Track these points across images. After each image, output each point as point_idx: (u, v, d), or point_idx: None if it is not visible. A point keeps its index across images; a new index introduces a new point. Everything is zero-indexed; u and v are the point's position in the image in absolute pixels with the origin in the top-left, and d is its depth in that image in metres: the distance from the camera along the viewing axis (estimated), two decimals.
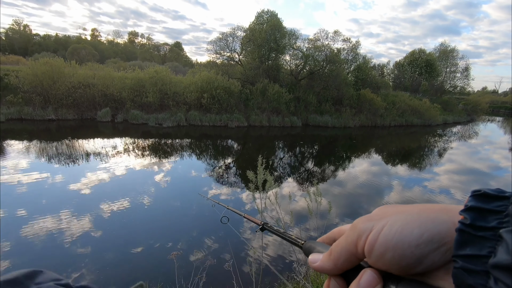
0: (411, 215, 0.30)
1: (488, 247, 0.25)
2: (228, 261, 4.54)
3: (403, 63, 41.52)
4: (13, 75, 17.50)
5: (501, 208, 0.26)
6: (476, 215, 0.27)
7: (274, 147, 15.73)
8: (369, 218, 0.33)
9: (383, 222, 0.31)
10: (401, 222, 0.30)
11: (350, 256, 0.33)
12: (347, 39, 27.13)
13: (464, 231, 0.26)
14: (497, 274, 0.23)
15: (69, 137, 13.57)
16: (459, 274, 0.25)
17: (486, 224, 0.26)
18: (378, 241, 0.30)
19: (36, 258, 4.65)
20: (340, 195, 8.52)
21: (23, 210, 6.14)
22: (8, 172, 8.43)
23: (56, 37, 61.26)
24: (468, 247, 0.25)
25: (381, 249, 0.30)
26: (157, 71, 19.55)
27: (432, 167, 12.99)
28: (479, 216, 0.26)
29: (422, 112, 27.81)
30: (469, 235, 0.26)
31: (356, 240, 0.32)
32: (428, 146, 19.03)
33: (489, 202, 0.27)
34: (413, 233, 0.28)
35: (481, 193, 0.28)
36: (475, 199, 0.28)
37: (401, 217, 0.30)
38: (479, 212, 0.27)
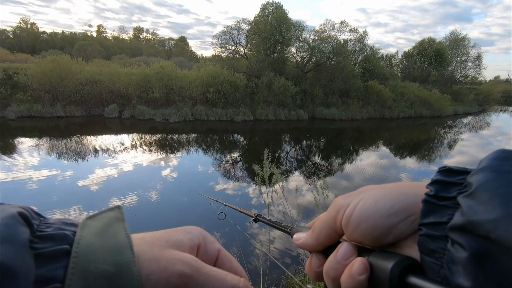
0: (384, 190, 0.33)
1: (448, 214, 0.27)
2: (235, 254, 4.56)
3: (412, 53, 40.69)
4: (22, 73, 17.76)
5: (461, 181, 0.29)
6: (440, 187, 0.29)
7: (281, 140, 15.65)
8: (348, 195, 0.36)
9: (359, 197, 0.34)
10: (375, 196, 0.33)
11: (330, 230, 0.36)
12: (354, 29, 26.67)
13: (428, 202, 0.29)
14: (453, 236, 0.25)
15: (77, 134, 13.74)
16: (423, 240, 0.28)
17: (447, 194, 0.28)
18: (354, 214, 0.33)
19: None
20: (347, 188, 8.43)
21: (34, 206, 6.23)
22: (19, 169, 8.58)
23: (62, 35, 61.80)
24: (432, 215, 0.28)
25: (356, 221, 0.32)
26: (162, 66, 19.57)
27: (442, 159, 12.76)
28: (443, 188, 0.29)
29: (432, 103, 27.28)
30: (433, 205, 0.29)
31: (335, 215, 0.35)
32: (438, 137, 18.70)
33: (452, 176, 0.30)
34: (385, 205, 0.31)
35: (446, 168, 0.31)
36: (441, 173, 0.31)
37: (375, 192, 0.33)
38: (442, 184, 0.30)
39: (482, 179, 0.26)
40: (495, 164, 0.26)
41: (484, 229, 0.23)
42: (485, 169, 0.27)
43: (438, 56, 38.06)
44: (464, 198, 0.26)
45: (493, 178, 0.25)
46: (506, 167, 0.26)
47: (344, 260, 0.33)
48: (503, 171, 0.25)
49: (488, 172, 0.26)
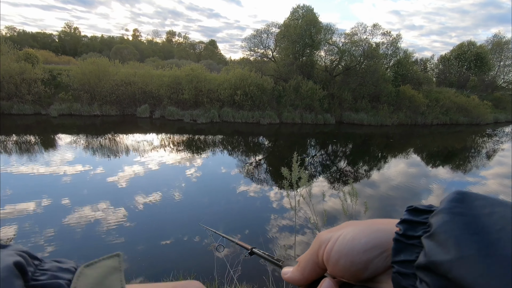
0: (361, 226, 0.35)
1: (415, 252, 0.29)
2: None
3: (449, 57, 38.62)
4: (65, 74, 19.13)
5: (426, 220, 0.31)
6: (407, 226, 0.31)
7: (306, 144, 15.51)
8: (330, 230, 0.38)
9: (339, 233, 0.35)
10: (352, 232, 0.35)
11: (314, 265, 0.37)
12: (386, 32, 25.82)
13: (398, 240, 0.31)
14: (420, 274, 0.27)
15: (111, 132, 14.51)
16: (395, 277, 0.30)
17: (414, 233, 0.30)
18: (334, 249, 0.34)
19: (75, 245, 5.05)
20: (373, 196, 8.19)
21: (66, 199, 6.70)
22: (56, 164, 9.24)
23: (101, 38, 65.55)
24: (402, 253, 0.30)
25: (336, 256, 0.34)
26: (192, 68, 20.15)
27: (479, 170, 11.99)
28: (410, 227, 0.31)
29: (470, 110, 25.74)
30: (402, 243, 0.31)
31: (318, 250, 0.36)
32: (475, 147, 17.58)
33: (418, 215, 0.32)
34: (361, 241, 0.33)
35: (413, 208, 0.33)
36: (408, 213, 0.33)
37: (353, 228, 0.35)
38: (409, 223, 0.32)
39: (440, 220, 0.28)
40: (450, 206, 0.29)
41: (442, 269, 0.24)
42: (442, 211, 0.29)
43: (478, 61, 35.79)
44: (426, 239, 0.28)
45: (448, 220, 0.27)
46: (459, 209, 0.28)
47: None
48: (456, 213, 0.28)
49: (444, 213, 0.28)
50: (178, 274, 3.74)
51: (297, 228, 5.87)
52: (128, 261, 4.65)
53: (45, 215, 5.96)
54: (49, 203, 6.48)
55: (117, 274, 0.30)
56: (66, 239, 5.18)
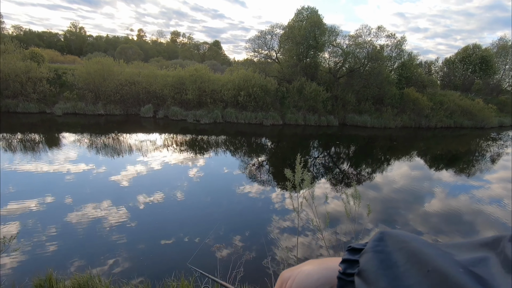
0: (316, 265, 0.42)
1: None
2: (266, 258, 4.60)
3: (454, 59, 38.35)
4: (70, 73, 19.27)
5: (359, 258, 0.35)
6: (347, 265, 0.36)
7: (309, 146, 15.48)
8: (291, 269, 0.45)
9: (298, 270, 0.42)
10: (307, 271, 0.42)
11: None
12: (391, 34, 25.71)
13: (340, 278, 0.36)
14: None
15: (115, 131, 14.58)
16: None
17: (352, 271, 0.35)
18: (293, 285, 0.41)
19: (78, 243, 5.08)
20: (376, 199, 8.15)
21: (69, 197, 6.74)
22: (60, 162, 9.30)
23: (106, 38, 65.94)
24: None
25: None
26: (196, 69, 20.22)
27: (483, 174, 11.89)
28: (349, 266, 0.36)
29: (474, 113, 25.54)
30: (343, 281, 0.36)
31: (281, 286, 0.43)
32: (479, 150, 17.44)
33: (354, 254, 0.37)
34: (313, 278, 0.40)
35: (351, 248, 0.38)
36: (348, 252, 0.38)
37: (308, 266, 0.42)
38: (348, 262, 0.36)
39: (364, 259, 0.33)
40: (373, 245, 0.34)
41: None
42: (367, 250, 0.34)
43: (484, 64, 35.49)
44: (356, 277, 0.33)
45: (371, 258, 0.32)
46: (379, 247, 0.33)
47: None
48: (376, 251, 0.32)
49: (368, 252, 0.33)
50: (180, 273, 3.74)
51: (299, 230, 5.85)
52: (130, 260, 4.66)
53: (48, 213, 5.99)
54: (52, 201, 6.52)
55: None
56: (69, 237, 5.21)
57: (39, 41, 50.30)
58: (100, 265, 4.50)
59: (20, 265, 4.39)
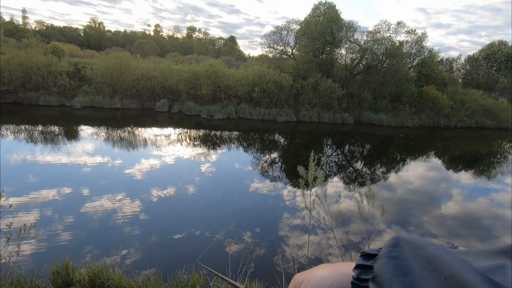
0: (329, 270, 0.42)
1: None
2: (277, 255, 4.60)
3: (477, 57, 36.90)
4: (89, 68, 19.76)
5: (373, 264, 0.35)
6: (361, 271, 0.36)
7: (323, 144, 15.30)
8: (303, 273, 0.45)
9: (311, 275, 0.43)
10: (321, 275, 0.42)
11: None
12: (411, 30, 24.93)
13: (354, 284, 0.36)
14: None
15: (131, 125, 14.87)
16: None
17: (366, 276, 0.35)
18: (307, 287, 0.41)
19: (93, 233, 5.22)
20: (390, 199, 7.98)
21: (86, 189, 6.93)
22: (77, 154, 9.57)
23: (124, 33, 67.12)
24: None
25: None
26: (211, 64, 20.28)
27: (504, 176, 11.44)
28: (363, 271, 0.36)
29: (498, 113, 24.55)
30: (357, 286, 0.36)
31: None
32: (502, 152, 16.76)
33: (368, 259, 0.37)
34: (327, 283, 0.40)
35: (365, 253, 0.38)
36: (362, 258, 0.38)
37: (322, 271, 0.42)
38: (362, 268, 0.36)
39: (378, 265, 0.32)
40: (387, 251, 0.33)
41: None
42: (382, 256, 0.33)
43: (510, 61, 33.95)
44: (370, 283, 0.32)
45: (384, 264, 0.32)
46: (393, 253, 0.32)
47: None
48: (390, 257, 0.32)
49: (382, 258, 0.33)
50: (191, 267, 3.79)
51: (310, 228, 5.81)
52: (143, 251, 4.76)
53: (66, 203, 6.19)
54: (70, 192, 6.73)
55: None
56: (84, 227, 5.37)
57: (60, 35, 51.80)
58: (114, 255, 4.61)
59: (38, 252, 4.56)
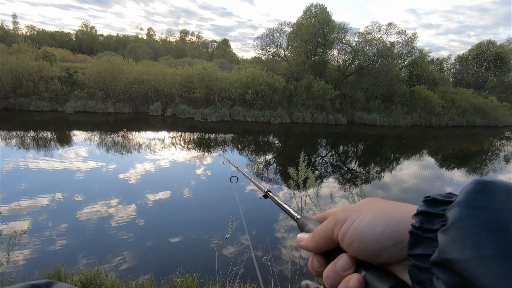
0: (379, 212, 0.34)
1: (432, 246, 0.27)
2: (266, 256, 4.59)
3: (467, 56, 37.54)
4: (81, 72, 19.59)
5: (443, 211, 0.29)
6: (424, 219, 0.30)
7: (316, 144, 15.38)
8: (346, 209, 0.38)
9: (356, 215, 0.35)
10: (369, 217, 0.34)
11: (328, 240, 0.38)
12: (402, 31, 25.33)
13: (414, 233, 0.29)
14: (435, 270, 0.26)
15: (124, 129, 14.78)
16: (412, 271, 0.29)
17: (431, 226, 0.29)
18: (349, 231, 0.34)
19: (86, 240, 5.16)
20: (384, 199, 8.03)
21: (79, 195, 6.86)
22: (70, 160, 9.47)
23: (117, 37, 66.83)
24: (418, 247, 0.29)
25: (350, 239, 0.34)
26: (204, 67, 20.29)
27: (497, 174, 11.63)
28: (426, 219, 0.29)
29: (488, 112, 24.99)
30: (418, 237, 0.29)
31: (333, 227, 0.37)
32: (493, 149, 17.03)
33: (435, 206, 0.30)
34: (376, 229, 0.33)
35: (430, 198, 0.31)
36: (425, 204, 0.31)
37: (371, 213, 0.34)
38: (426, 215, 0.30)
39: (456, 215, 0.26)
40: (468, 199, 0.27)
41: (457, 267, 0.23)
42: (459, 204, 0.27)
43: (498, 61, 34.62)
44: (441, 234, 0.26)
45: (466, 215, 0.25)
46: (479, 202, 0.26)
47: (342, 272, 0.35)
48: (475, 207, 0.25)
49: (461, 207, 0.26)
50: (184, 270, 3.78)
51: None
52: (137, 256, 4.73)
53: (58, 209, 6.12)
54: (63, 198, 6.65)
55: None
56: (78, 233, 5.31)
57: (51, 40, 51.35)
58: (108, 261, 4.57)
59: (30, 260, 4.50)
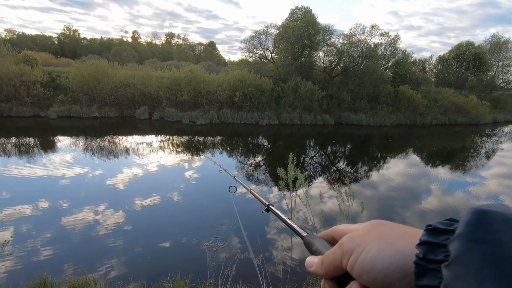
0: (385, 244, 0.34)
1: (438, 278, 0.27)
2: (257, 256, 4.59)
3: (447, 57, 38.72)
4: (64, 76, 19.12)
5: (446, 241, 0.28)
6: (427, 249, 0.29)
7: (305, 145, 15.50)
8: (352, 239, 0.38)
9: (362, 246, 0.35)
10: (375, 250, 0.34)
11: (337, 268, 0.39)
12: (385, 33, 25.92)
13: (419, 264, 0.29)
14: None
15: (110, 134, 14.49)
16: None
17: (435, 257, 0.28)
18: (356, 264, 0.35)
19: (73, 248, 5.03)
20: (372, 197, 8.18)
21: (65, 202, 6.68)
22: (55, 166, 9.21)
23: (101, 40, 65.57)
24: (424, 278, 0.28)
25: (358, 271, 0.34)
26: (191, 70, 20.16)
27: (478, 170, 11.98)
28: (430, 250, 0.29)
29: (468, 110, 25.80)
30: (423, 268, 0.28)
31: (341, 258, 0.38)
32: (474, 147, 17.58)
33: (437, 235, 0.30)
34: (384, 262, 0.32)
35: (432, 227, 0.30)
36: (427, 233, 0.30)
37: (376, 245, 0.34)
38: (429, 246, 0.29)
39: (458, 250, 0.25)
40: (468, 231, 0.26)
41: None
42: (460, 237, 0.26)
43: (477, 61, 35.86)
44: (445, 269, 0.26)
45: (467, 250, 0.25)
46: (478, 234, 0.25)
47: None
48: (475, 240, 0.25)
49: (463, 241, 0.26)
50: (175, 275, 3.72)
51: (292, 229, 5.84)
52: (127, 263, 4.63)
53: (43, 218, 5.94)
54: (47, 206, 6.46)
55: None
56: (64, 241, 5.16)
57: (32, 44, 49.88)
58: (96, 269, 4.46)
59: (14, 270, 4.34)
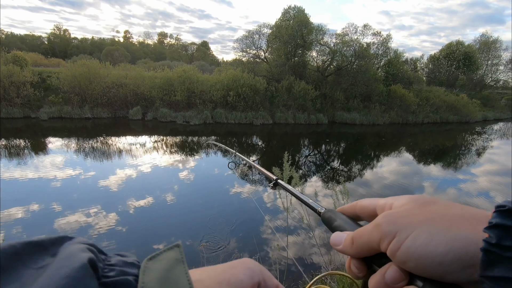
0: (438, 229, 0.28)
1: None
2: (253, 256, 4.58)
3: (438, 56, 39.30)
4: (55, 77, 18.83)
5: None
6: (502, 234, 0.24)
7: (299, 144, 15.55)
8: (393, 220, 0.31)
9: (407, 231, 0.29)
10: (426, 235, 0.28)
11: (371, 249, 0.33)
12: (377, 32, 26.14)
13: (490, 251, 0.24)
14: None
15: (103, 135, 14.32)
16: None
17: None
18: (400, 249, 0.29)
19: None
20: (367, 195, 8.24)
21: (56, 204, 6.57)
22: (46, 168, 9.07)
23: (92, 40, 64.78)
24: (496, 268, 0.23)
25: (403, 257, 0.29)
26: (185, 70, 20.06)
27: (469, 167, 12.17)
28: (505, 235, 0.24)
29: (459, 108, 26.21)
30: (496, 256, 0.24)
31: (379, 241, 0.32)
32: (465, 144, 17.86)
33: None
34: (438, 249, 0.27)
35: (506, 209, 0.25)
36: (500, 215, 0.25)
37: (427, 230, 0.28)
38: (504, 230, 0.24)
39: None
40: None
41: None
42: None
43: (467, 60, 36.48)
44: None
45: None
46: None
47: (394, 284, 0.30)
48: None
49: None
50: None
51: (291, 229, 5.88)
52: None
53: (34, 221, 5.83)
54: (38, 209, 6.35)
55: (180, 266, 0.29)
56: None
57: (21, 44, 49.01)
58: None
59: None
